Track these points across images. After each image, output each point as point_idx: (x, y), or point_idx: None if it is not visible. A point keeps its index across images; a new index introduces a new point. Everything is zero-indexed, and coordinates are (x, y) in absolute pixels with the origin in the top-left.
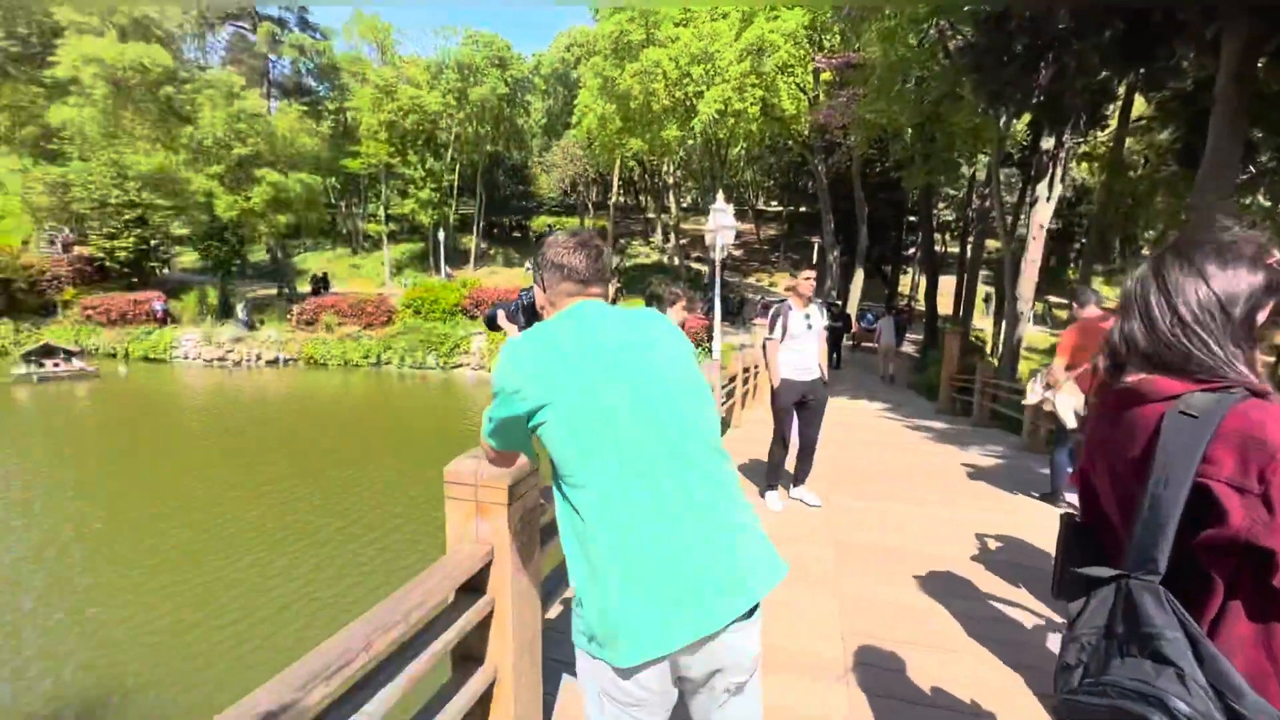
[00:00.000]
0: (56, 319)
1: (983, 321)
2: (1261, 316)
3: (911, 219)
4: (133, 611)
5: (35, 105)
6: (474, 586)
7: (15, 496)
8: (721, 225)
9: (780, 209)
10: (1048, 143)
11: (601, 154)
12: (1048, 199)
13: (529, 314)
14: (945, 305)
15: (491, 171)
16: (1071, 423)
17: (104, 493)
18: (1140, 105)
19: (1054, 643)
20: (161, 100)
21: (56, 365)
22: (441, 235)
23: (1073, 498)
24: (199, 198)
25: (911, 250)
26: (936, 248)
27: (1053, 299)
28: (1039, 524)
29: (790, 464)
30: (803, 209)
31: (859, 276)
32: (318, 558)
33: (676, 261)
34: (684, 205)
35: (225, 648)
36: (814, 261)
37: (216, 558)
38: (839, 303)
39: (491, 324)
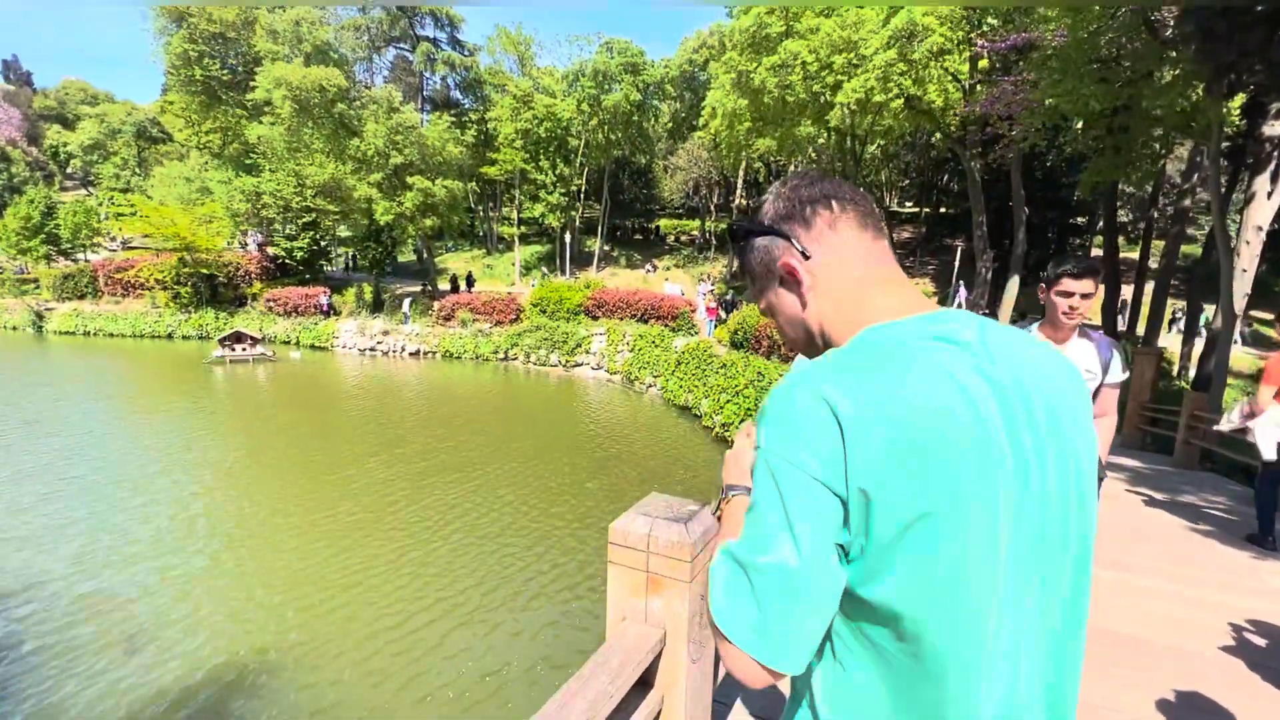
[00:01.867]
0: (245, 309)
1: (1165, 339)
2: None
3: (1077, 220)
4: (296, 585)
5: (239, 125)
6: (641, 679)
7: (214, 462)
8: None
9: (915, 210)
10: (1272, 128)
11: (728, 155)
12: (1269, 195)
13: None
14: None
15: (617, 175)
16: (1271, 454)
17: (280, 464)
18: None
19: None
20: (335, 116)
21: (245, 349)
22: (568, 237)
23: None
24: (361, 204)
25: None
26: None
27: (1256, 315)
28: None
29: None
30: (942, 210)
31: (1013, 284)
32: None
33: None
34: None
35: (373, 630)
36: (992, 267)
37: (379, 543)
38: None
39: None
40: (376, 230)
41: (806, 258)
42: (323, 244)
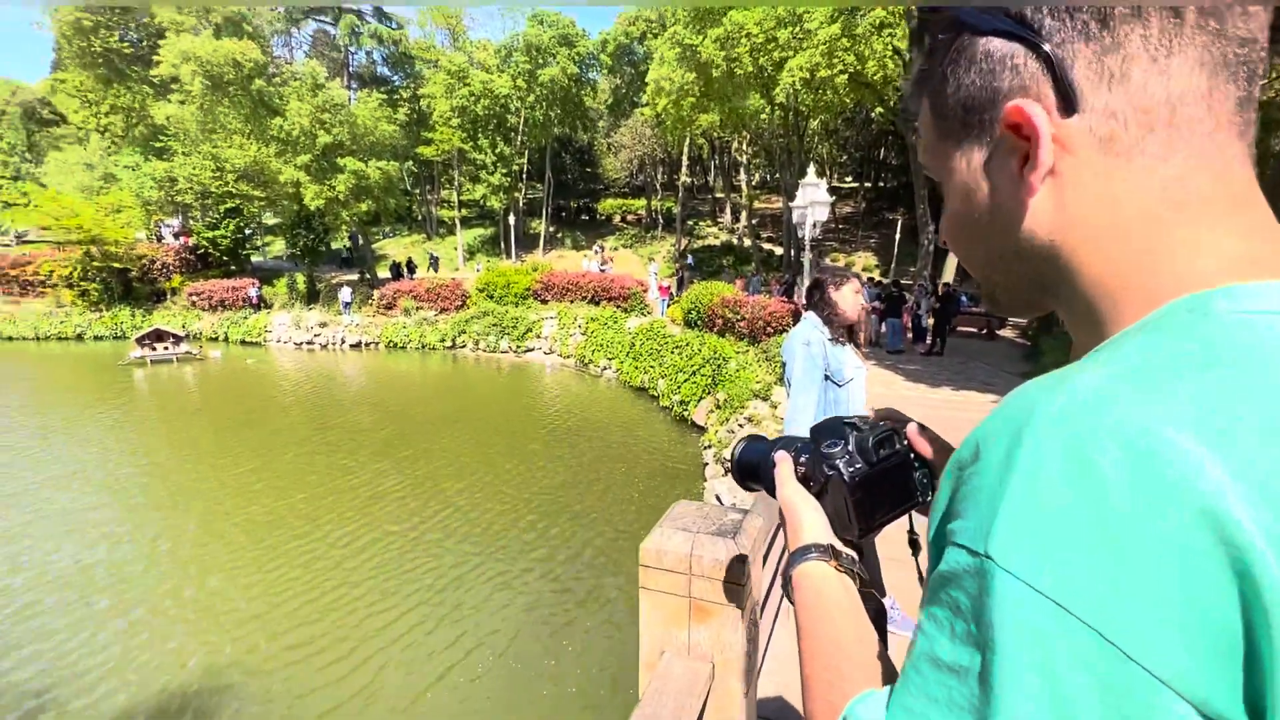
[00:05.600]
0: (165, 305)
1: None
2: None
3: None
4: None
5: (144, 105)
6: None
7: (132, 474)
8: (814, 201)
9: (855, 185)
10: None
11: (673, 131)
12: None
13: (876, 485)
14: None
15: (559, 155)
16: None
17: (214, 474)
18: None
19: None
20: (253, 94)
21: (166, 348)
22: (512, 219)
23: None
24: (288, 188)
25: None
26: None
27: None
28: None
29: None
30: (881, 184)
31: (953, 258)
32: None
33: (747, 242)
34: (753, 183)
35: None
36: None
37: (361, 568)
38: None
39: (748, 474)
40: (307, 216)
41: (1068, 112)
42: (247, 232)
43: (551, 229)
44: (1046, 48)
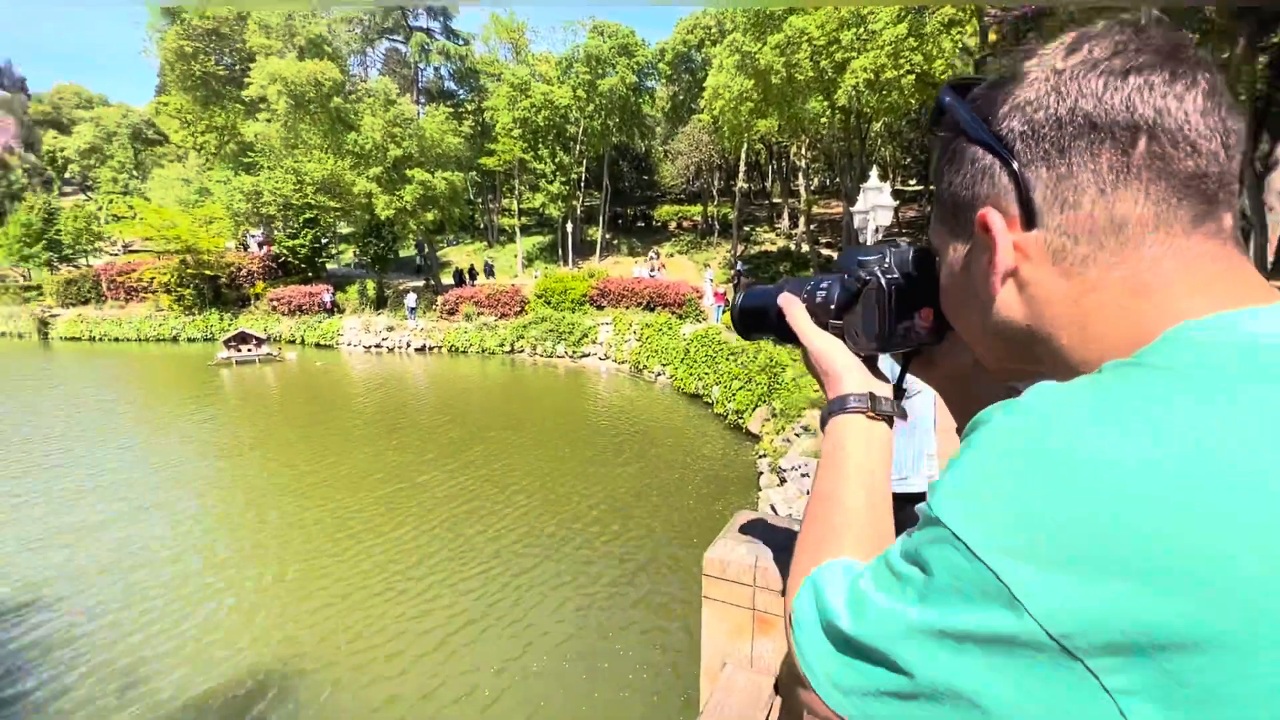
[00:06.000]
0: (249, 309)
1: None
2: None
3: None
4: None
5: (236, 124)
6: None
7: (222, 469)
8: (876, 205)
9: (919, 188)
10: None
11: (731, 137)
12: None
13: (895, 310)
14: None
15: (616, 163)
16: None
17: (292, 471)
18: None
19: None
20: (331, 111)
21: (250, 350)
22: (570, 227)
23: None
24: (361, 199)
25: None
26: None
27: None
28: None
29: None
30: None
31: None
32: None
33: (805, 248)
34: (812, 188)
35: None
36: None
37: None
38: None
39: (752, 323)
40: (377, 226)
41: (1027, 226)
42: (324, 241)
43: (608, 236)
44: (1015, 166)
